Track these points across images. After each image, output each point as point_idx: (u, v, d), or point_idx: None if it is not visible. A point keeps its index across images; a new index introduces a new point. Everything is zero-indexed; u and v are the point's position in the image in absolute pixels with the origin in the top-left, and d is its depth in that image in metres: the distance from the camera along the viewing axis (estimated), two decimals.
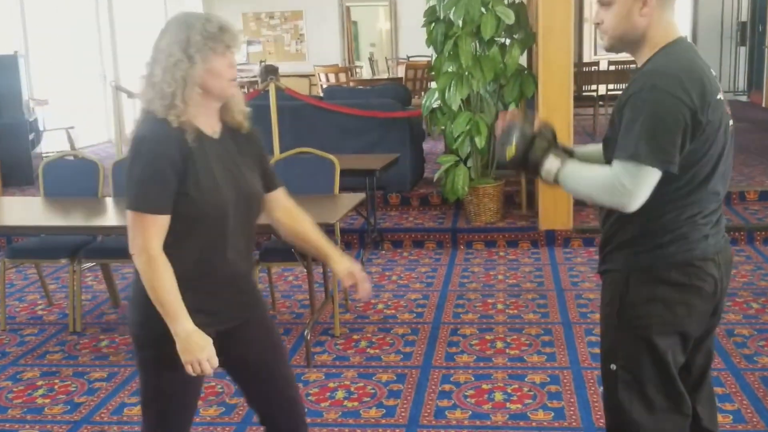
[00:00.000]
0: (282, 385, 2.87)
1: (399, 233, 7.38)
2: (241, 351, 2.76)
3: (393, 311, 5.63)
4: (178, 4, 16.61)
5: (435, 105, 7.35)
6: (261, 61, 15.43)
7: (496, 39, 7.16)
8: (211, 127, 2.62)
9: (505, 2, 7.17)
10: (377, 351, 4.92)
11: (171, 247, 2.51)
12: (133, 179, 2.48)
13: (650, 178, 2.32)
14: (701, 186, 2.43)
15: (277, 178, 2.88)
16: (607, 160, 2.48)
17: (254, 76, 14.58)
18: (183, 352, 2.48)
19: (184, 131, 2.51)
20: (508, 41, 7.34)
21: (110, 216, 5.39)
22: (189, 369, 2.49)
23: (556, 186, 2.57)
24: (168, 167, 2.46)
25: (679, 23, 2.54)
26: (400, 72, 14.24)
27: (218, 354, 2.55)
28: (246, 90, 13.99)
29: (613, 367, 2.57)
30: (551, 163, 2.56)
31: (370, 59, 17.18)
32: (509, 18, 6.95)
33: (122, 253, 5.48)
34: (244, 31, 17.47)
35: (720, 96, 2.42)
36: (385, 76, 15.42)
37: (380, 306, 5.74)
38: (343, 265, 2.76)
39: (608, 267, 2.60)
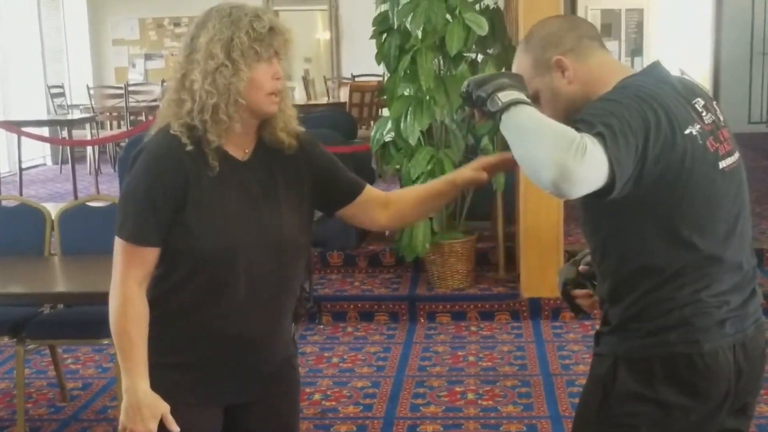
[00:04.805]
0: None
1: (342, 302, 7.40)
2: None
3: (333, 403, 5.63)
4: (54, 8, 16.62)
5: (387, 138, 7.37)
6: (163, 81, 15.44)
7: (465, 54, 7.24)
8: (241, 148, 2.67)
9: (477, 8, 7.25)
10: None
11: (164, 293, 2.62)
12: (120, 198, 2.65)
13: (601, 157, 2.20)
14: (690, 245, 2.42)
15: (358, 180, 2.90)
16: None
17: (154, 100, 14.58)
18: (124, 413, 2.56)
19: (200, 150, 2.56)
20: (480, 57, 7.44)
21: None
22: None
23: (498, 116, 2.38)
24: (161, 190, 2.54)
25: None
26: (343, 95, 14.33)
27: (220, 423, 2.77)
28: (144, 117, 14.03)
29: None
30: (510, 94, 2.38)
31: (305, 78, 17.24)
32: (482, 28, 7.01)
33: None
34: (140, 42, 17.53)
35: (691, 130, 2.41)
36: (323, 100, 15.51)
37: (317, 396, 5.74)
38: (467, 172, 2.83)
39: (597, 350, 2.64)
